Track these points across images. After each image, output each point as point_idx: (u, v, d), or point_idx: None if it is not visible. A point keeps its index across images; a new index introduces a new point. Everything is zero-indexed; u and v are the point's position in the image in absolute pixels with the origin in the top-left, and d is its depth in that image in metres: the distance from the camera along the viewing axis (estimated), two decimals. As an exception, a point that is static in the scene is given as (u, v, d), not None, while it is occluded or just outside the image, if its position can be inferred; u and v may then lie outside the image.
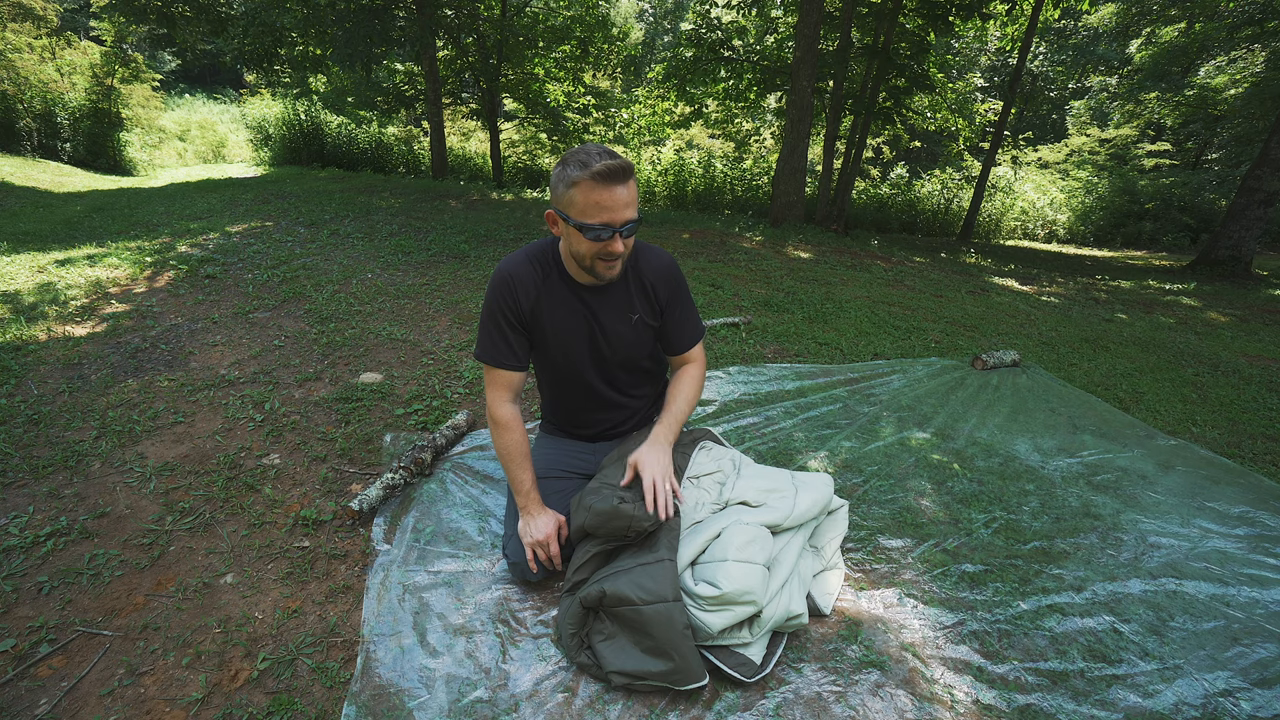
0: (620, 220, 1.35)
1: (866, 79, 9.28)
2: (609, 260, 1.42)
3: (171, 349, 2.83)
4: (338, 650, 1.37)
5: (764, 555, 1.38)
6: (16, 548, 1.59)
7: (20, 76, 10.98)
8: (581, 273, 1.51)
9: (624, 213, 1.35)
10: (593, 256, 1.41)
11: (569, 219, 1.38)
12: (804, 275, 5.36)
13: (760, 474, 1.65)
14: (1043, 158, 17.15)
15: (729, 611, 1.30)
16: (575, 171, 1.33)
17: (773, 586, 1.37)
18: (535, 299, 1.54)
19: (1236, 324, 5.73)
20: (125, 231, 5.16)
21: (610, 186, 1.32)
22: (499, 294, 1.53)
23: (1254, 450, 2.75)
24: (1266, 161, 8.16)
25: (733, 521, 1.45)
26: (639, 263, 1.59)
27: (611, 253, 1.39)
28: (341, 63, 7.99)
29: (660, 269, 1.61)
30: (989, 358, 3.38)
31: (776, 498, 1.55)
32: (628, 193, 1.35)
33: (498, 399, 1.58)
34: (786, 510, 1.51)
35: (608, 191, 1.32)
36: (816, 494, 1.58)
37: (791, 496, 1.55)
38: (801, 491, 1.57)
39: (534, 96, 11.31)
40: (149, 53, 17.27)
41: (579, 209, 1.35)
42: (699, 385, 1.69)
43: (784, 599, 1.38)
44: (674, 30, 24.79)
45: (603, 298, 1.57)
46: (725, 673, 1.30)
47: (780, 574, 1.41)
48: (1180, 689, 1.39)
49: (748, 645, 1.33)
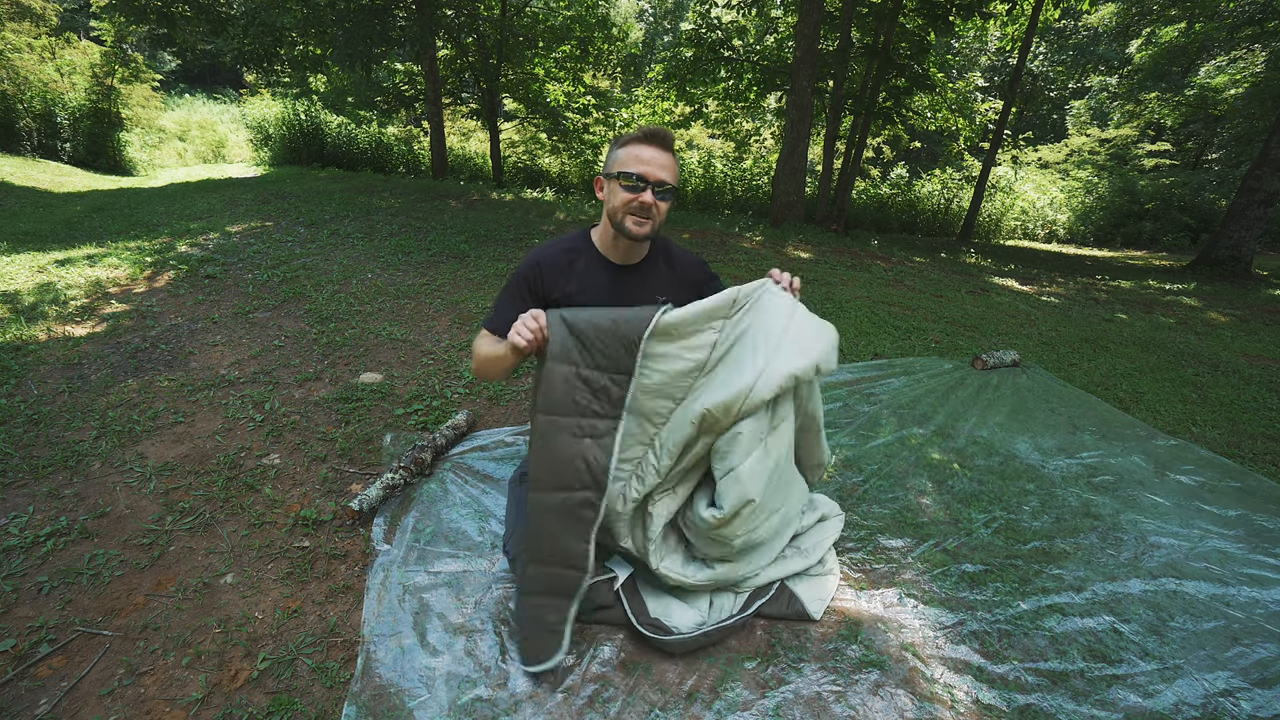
0: (654, 176, 1.45)
1: (866, 79, 9.28)
2: (639, 215, 1.48)
3: (171, 349, 2.83)
4: (338, 650, 1.37)
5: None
6: (16, 548, 1.59)
7: (20, 76, 10.96)
8: (617, 247, 1.57)
9: (659, 172, 1.46)
10: (624, 209, 1.48)
11: (611, 174, 1.50)
12: (804, 275, 5.36)
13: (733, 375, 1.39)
14: (1043, 158, 17.14)
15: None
16: (626, 136, 1.50)
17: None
18: (560, 278, 1.58)
19: (1236, 324, 5.73)
20: (125, 231, 5.15)
21: (652, 145, 1.47)
22: (525, 269, 1.59)
23: (1254, 450, 2.75)
24: (1266, 161, 8.16)
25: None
26: (670, 254, 1.70)
27: (642, 204, 1.46)
28: (341, 63, 7.98)
29: (690, 260, 1.73)
30: (989, 358, 3.38)
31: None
32: (665, 158, 1.47)
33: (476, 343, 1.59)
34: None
35: (649, 148, 1.47)
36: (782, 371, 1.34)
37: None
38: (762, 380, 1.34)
39: (534, 96, 11.31)
40: (149, 53, 17.26)
41: (621, 162, 1.48)
42: None
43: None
44: (674, 30, 24.78)
45: (634, 278, 1.62)
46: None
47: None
48: (1180, 689, 1.39)
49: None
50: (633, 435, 1.47)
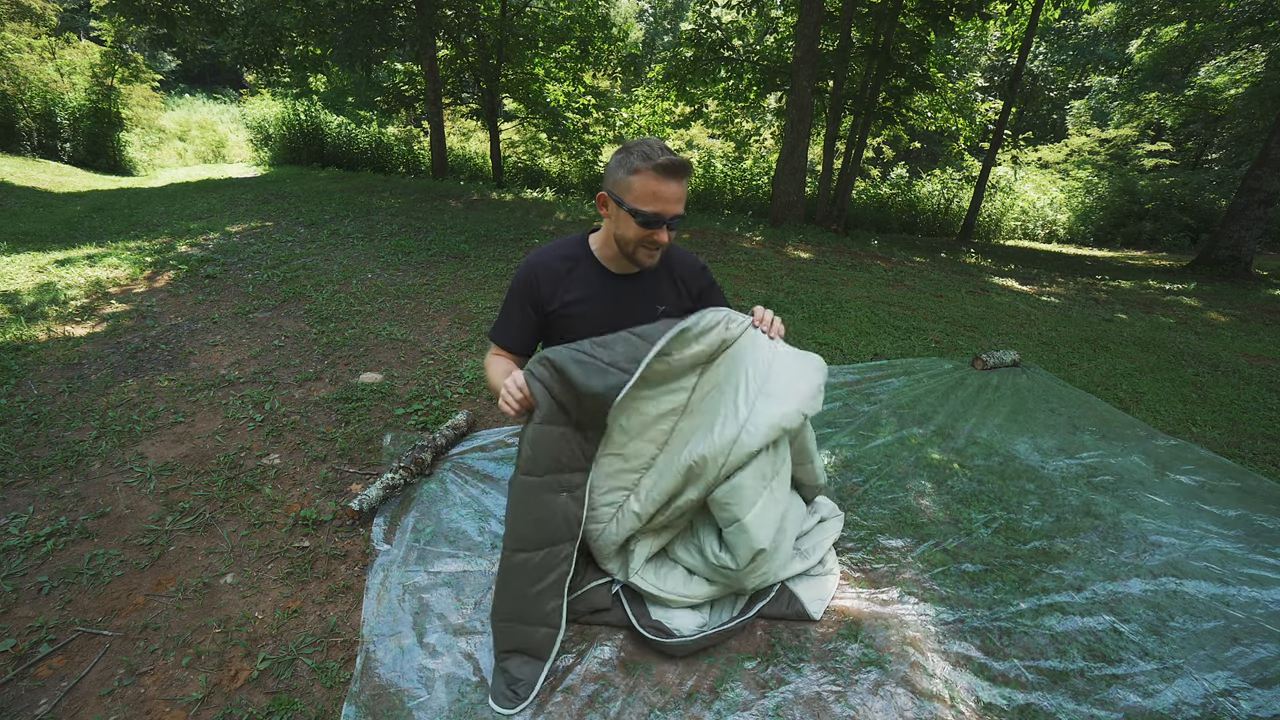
0: (671, 213, 1.42)
1: (866, 79, 9.28)
2: (651, 249, 1.47)
3: (171, 349, 2.83)
4: (338, 650, 1.37)
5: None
6: (16, 548, 1.59)
7: (20, 76, 10.96)
8: (618, 259, 1.56)
9: (675, 206, 1.42)
10: (637, 243, 1.46)
11: (623, 203, 1.42)
12: (804, 275, 5.36)
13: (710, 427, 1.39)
14: (1043, 158, 17.13)
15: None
16: (639, 161, 1.39)
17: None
18: (558, 287, 1.58)
19: (1236, 324, 5.73)
20: (125, 231, 5.15)
21: (669, 180, 1.39)
22: (521, 279, 1.59)
23: (1254, 450, 2.75)
24: (1266, 161, 8.16)
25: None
26: (670, 259, 1.67)
27: (656, 241, 1.45)
28: (341, 63, 7.98)
29: (691, 265, 1.70)
30: (989, 358, 3.38)
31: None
32: (681, 189, 1.42)
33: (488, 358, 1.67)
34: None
35: (666, 184, 1.39)
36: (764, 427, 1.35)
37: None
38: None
39: (534, 96, 11.30)
40: (149, 53, 17.26)
41: (635, 195, 1.40)
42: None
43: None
44: (674, 30, 24.78)
45: (633, 287, 1.61)
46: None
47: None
48: (1180, 689, 1.39)
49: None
50: (611, 479, 1.48)
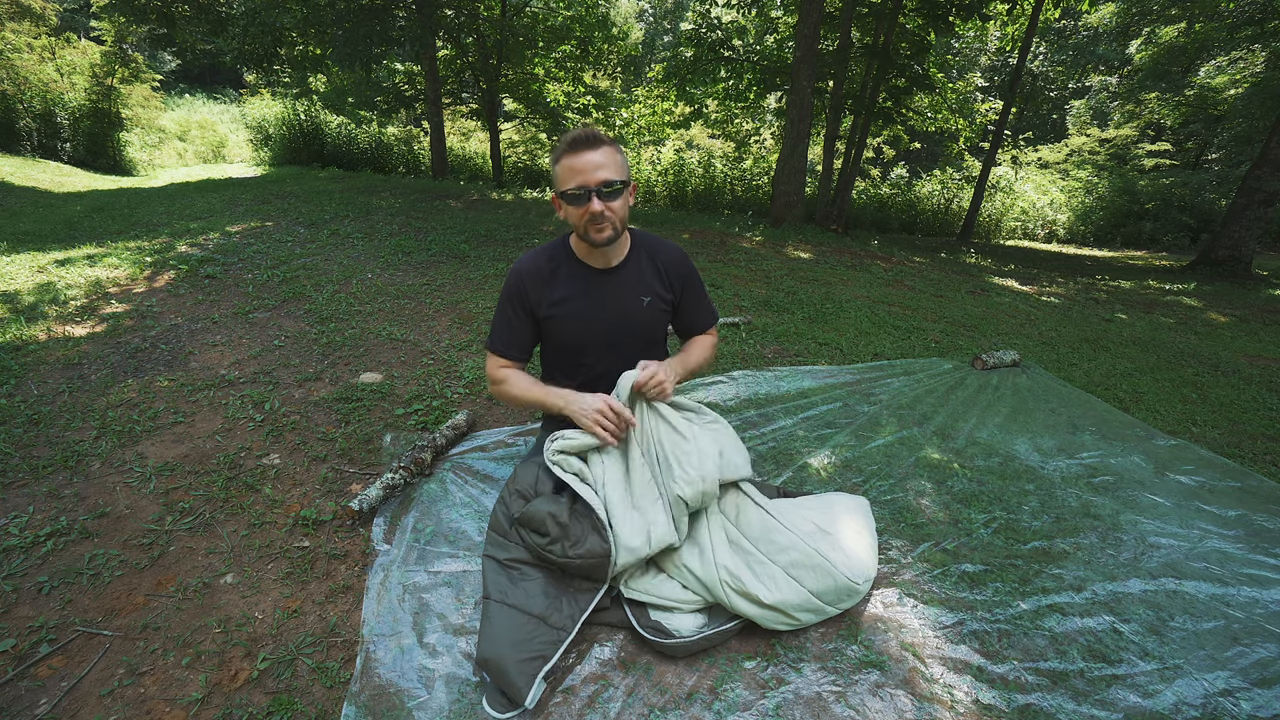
0: (594, 181, 1.44)
1: (866, 79, 9.28)
2: (596, 224, 1.50)
3: (171, 349, 2.83)
4: (338, 650, 1.37)
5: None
6: (16, 548, 1.59)
7: (20, 76, 10.96)
8: (591, 252, 1.60)
9: (596, 174, 1.44)
10: (582, 223, 1.50)
11: (560, 193, 1.50)
12: (804, 275, 5.36)
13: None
14: (1043, 158, 17.15)
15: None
16: (557, 150, 1.50)
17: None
18: (544, 288, 1.62)
19: (1236, 324, 5.73)
20: (125, 231, 5.15)
21: (580, 152, 1.44)
22: (509, 285, 1.64)
23: (1254, 450, 2.74)
24: (1266, 161, 8.16)
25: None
26: (653, 251, 1.71)
27: (593, 213, 1.47)
28: (341, 63, 7.99)
29: (673, 256, 1.73)
30: (989, 358, 3.38)
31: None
32: (600, 156, 1.44)
33: (493, 369, 1.72)
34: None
35: (579, 156, 1.44)
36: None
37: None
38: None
39: (534, 96, 11.31)
40: (149, 53, 17.26)
41: (561, 179, 1.48)
42: (712, 350, 1.84)
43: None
44: (674, 30, 24.79)
45: (616, 281, 1.64)
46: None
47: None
48: (1180, 689, 1.39)
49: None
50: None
